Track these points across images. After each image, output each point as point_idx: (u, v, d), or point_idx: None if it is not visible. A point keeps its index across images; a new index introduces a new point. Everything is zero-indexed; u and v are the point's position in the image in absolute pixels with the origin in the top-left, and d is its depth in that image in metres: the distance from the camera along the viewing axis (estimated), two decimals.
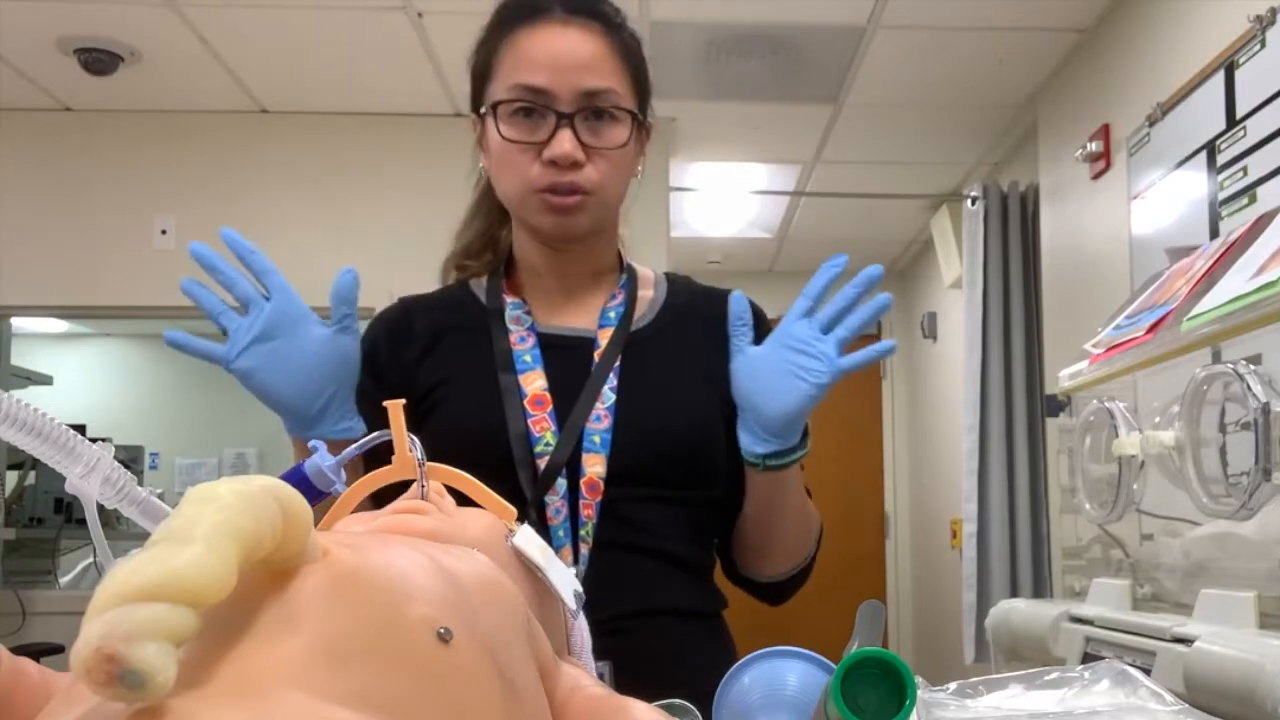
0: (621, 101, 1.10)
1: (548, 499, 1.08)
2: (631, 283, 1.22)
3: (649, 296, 1.22)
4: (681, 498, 1.13)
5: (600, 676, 0.96)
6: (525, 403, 1.11)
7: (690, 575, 1.15)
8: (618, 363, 1.14)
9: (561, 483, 1.08)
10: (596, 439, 1.10)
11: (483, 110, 1.12)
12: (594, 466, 1.09)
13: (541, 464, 1.08)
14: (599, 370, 1.13)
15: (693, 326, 1.19)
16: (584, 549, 1.07)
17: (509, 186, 1.13)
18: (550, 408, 1.10)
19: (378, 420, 0.81)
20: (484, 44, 1.14)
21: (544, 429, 1.09)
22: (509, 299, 1.19)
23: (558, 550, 1.06)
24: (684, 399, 1.13)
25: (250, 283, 1.03)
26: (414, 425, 1.00)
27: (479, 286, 1.22)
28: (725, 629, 1.19)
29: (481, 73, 1.14)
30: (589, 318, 1.18)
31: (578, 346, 1.15)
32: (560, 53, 1.08)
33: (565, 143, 1.07)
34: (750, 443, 1.08)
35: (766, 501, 1.13)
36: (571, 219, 1.11)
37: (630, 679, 0.65)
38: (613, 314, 1.18)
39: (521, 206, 1.14)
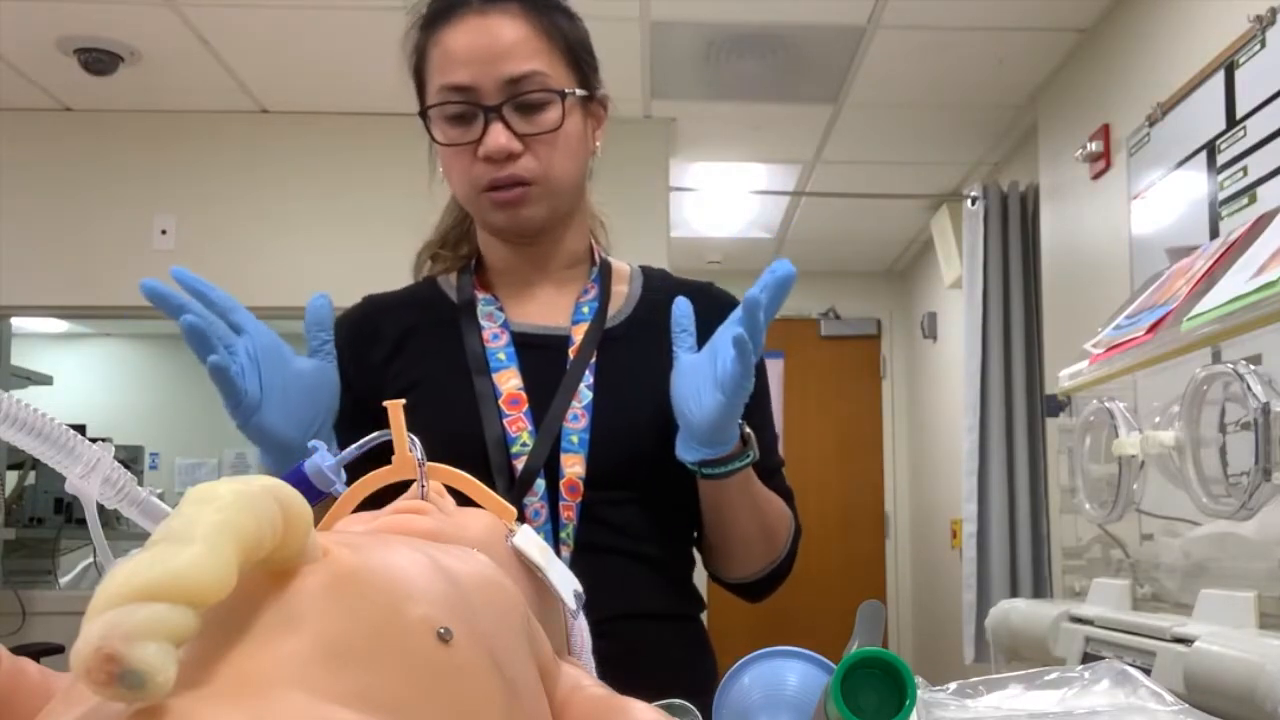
0: (549, 83, 1.06)
1: (526, 501, 1.05)
2: (605, 277, 1.18)
3: (624, 292, 1.19)
4: (659, 500, 1.11)
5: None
6: (500, 402, 1.08)
7: (668, 577, 1.14)
8: (594, 360, 1.11)
9: (540, 484, 1.05)
10: (575, 439, 1.07)
11: (422, 116, 1.11)
12: (573, 467, 1.06)
13: (519, 465, 1.05)
14: (574, 368, 1.10)
15: (669, 322, 1.12)
16: (565, 551, 1.05)
17: (457, 189, 1.13)
18: (526, 407, 1.08)
19: (350, 426, 0.79)
20: (415, 46, 1.12)
21: (520, 429, 1.07)
22: (480, 295, 1.16)
23: None
24: (663, 399, 1.06)
25: (218, 322, 0.94)
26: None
27: (448, 284, 1.20)
28: (703, 631, 1.18)
29: (417, 76, 1.13)
30: (562, 313, 1.15)
31: (551, 345, 1.12)
32: (479, 45, 1.05)
33: (498, 136, 1.05)
34: (682, 450, 1.00)
35: (714, 507, 1.08)
36: (521, 212, 1.09)
37: (612, 681, 0.64)
38: (586, 309, 1.15)
39: (472, 207, 1.13)
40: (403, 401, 0.73)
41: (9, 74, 3.61)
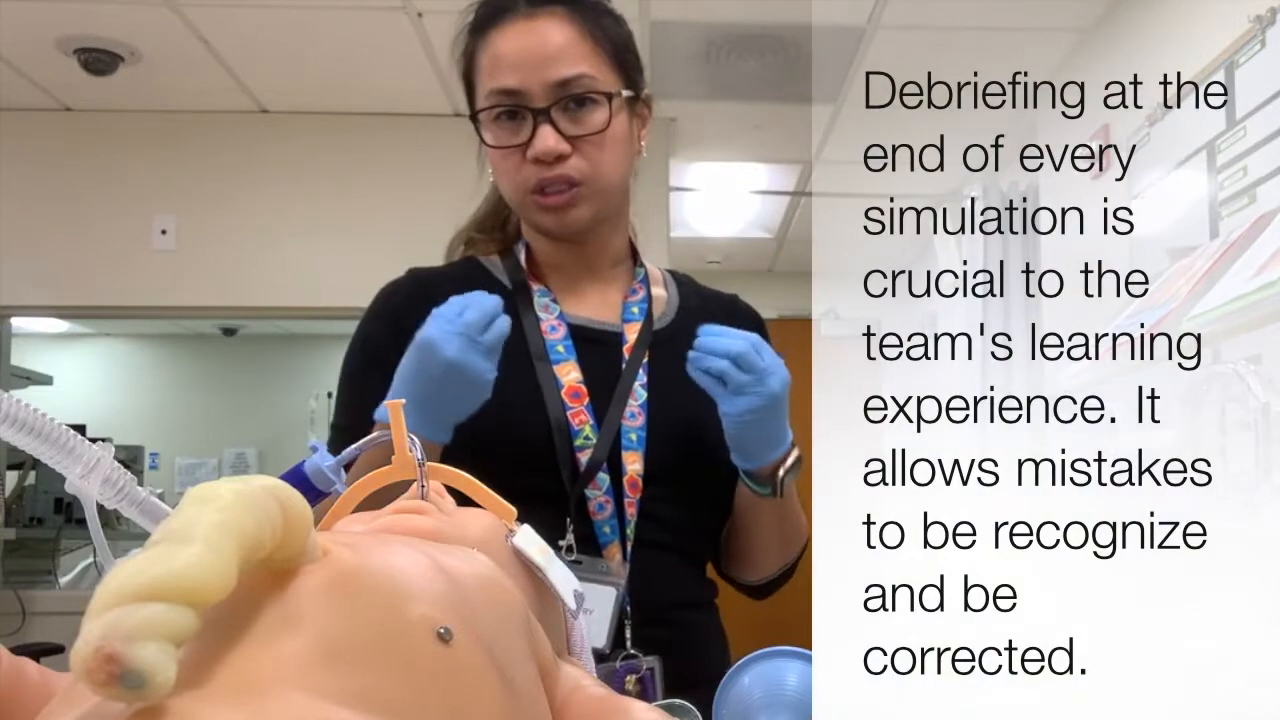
0: (596, 85, 1.08)
1: (590, 494, 1.08)
2: (647, 278, 1.22)
3: (663, 295, 1.22)
4: (701, 497, 1.15)
5: (649, 671, 0.98)
6: (562, 394, 1.10)
7: (698, 567, 1.19)
8: (646, 359, 1.14)
9: (604, 478, 1.08)
10: (634, 436, 1.10)
11: (472, 119, 1.13)
12: (633, 464, 1.09)
13: (582, 458, 1.08)
14: (630, 366, 1.13)
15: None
16: (628, 545, 1.08)
17: (506, 190, 1.14)
18: (587, 400, 1.10)
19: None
20: (464, 50, 1.14)
21: (583, 422, 1.09)
22: (535, 285, 1.17)
23: (605, 547, 1.07)
24: (708, 402, 1.11)
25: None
26: None
27: (493, 265, 1.20)
28: (718, 615, 1.22)
29: (466, 78, 1.15)
30: (611, 310, 1.18)
31: (607, 341, 1.15)
32: (528, 49, 1.07)
33: (546, 139, 1.06)
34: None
35: (751, 513, 1.15)
36: (569, 214, 1.11)
37: (674, 665, 0.66)
38: (636, 309, 1.18)
39: (521, 209, 1.15)
40: (402, 401, 0.73)
41: (9, 74, 3.61)
